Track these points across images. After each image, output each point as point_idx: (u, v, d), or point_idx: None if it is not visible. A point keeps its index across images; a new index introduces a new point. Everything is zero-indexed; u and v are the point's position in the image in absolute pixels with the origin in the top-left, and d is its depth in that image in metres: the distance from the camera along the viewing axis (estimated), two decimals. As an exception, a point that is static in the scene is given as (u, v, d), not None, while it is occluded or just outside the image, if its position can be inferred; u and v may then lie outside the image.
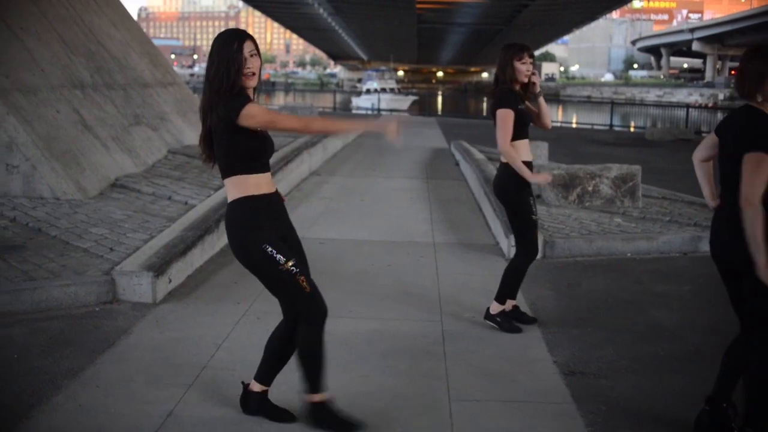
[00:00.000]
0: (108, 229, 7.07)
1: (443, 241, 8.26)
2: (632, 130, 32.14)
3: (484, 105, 57.68)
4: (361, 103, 50.97)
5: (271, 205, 3.71)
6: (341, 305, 5.83)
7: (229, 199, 3.69)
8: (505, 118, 5.26)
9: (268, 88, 79.93)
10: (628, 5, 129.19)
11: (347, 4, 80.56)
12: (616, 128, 30.61)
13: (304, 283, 3.69)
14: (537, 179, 5.45)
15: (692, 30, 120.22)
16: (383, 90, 62.09)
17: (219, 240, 7.37)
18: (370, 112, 41.41)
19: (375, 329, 5.36)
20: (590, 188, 9.54)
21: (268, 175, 3.71)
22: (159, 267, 5.85)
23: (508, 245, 7.55)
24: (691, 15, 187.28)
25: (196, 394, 4.23)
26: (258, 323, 5.33)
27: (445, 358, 4.87)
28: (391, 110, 45.41)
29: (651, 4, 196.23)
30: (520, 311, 5.66)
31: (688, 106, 30.97)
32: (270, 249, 3.60)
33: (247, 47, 3.56)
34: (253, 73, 3.58)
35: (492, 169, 11.66)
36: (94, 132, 9.70)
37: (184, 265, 6.35)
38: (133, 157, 10.15)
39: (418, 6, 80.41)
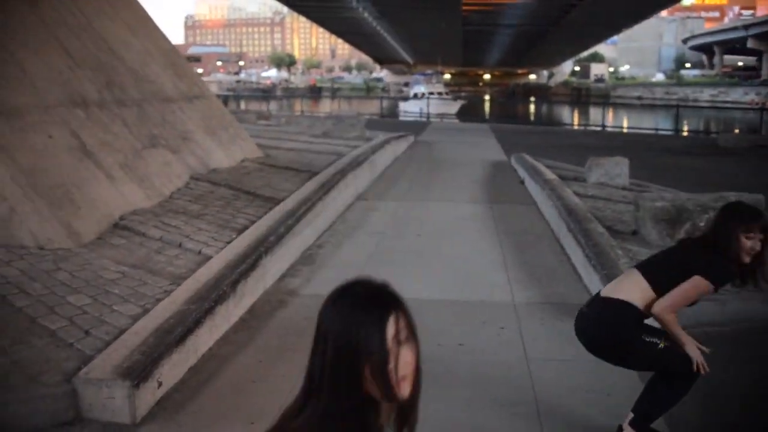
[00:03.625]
0: (91, 298, 5.38)
1: (525, 299, 6.43)
2: (703, 135, 30.01)
3: (531, 108, 55.55)
4: (409, 107, 49.43)
5: None
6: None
7: None
8: (698, 288, 3.70)
9: (314, 94, 78.93)
10: (679, 3, 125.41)
11: (392, 8, 79.03)
12: (683, 133, 28.42)
13: None
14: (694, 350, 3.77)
15: (747, 27, 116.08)
16: (431, 94, 60.52)
17: (237, 307, 5.66)
18: (418, 117, 39.65)
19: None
20: (702, 223, 7.64)
21: None
22: (142, 370, 4.12)
23: (615, 311, 5.72)
24: (743, 11, 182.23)
25: None
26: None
27: None
28: (440, 115, 43.65)
29: (701, 1, 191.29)
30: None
31: (762, 108, 28.70)
32: None
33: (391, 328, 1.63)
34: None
35: (570, 194, 9.80)
36: (97, 159, 8.07)
37: (182, 356, 4.62)
38: (146, 187, 8.49)
39: (464, 8, 78.73)
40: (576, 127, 34.89)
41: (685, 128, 29.20)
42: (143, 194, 8.34)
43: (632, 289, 3.75)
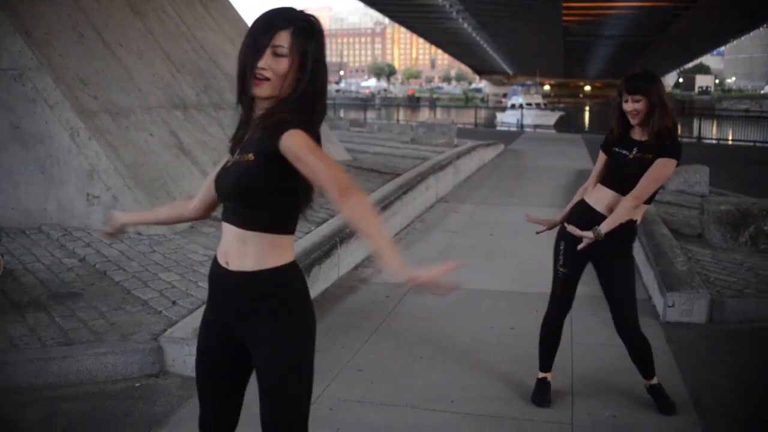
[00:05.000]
0: (180, 275, 6.03)
1: (583, 292, 6.65)
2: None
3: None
4: (506, 118, 49.58)
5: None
6: (443, 392, 4.52)
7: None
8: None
9: (412, 103, 79.65)
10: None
11: (492, 18, 79.02)
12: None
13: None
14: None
15: None
16: (528, 105, 60.36)
17: (311, 290, 6.20)
18: (514, 128, 39.85)
19: (482, 435, 4.01)
20: (767, 228, 7.82)
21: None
22: (218, 333, 4.71)
23: (663, 304, 6.04)
24: None
25: None
26: (329, 417, 4.08)
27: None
28: (537, 126, 43.68)
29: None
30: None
31: None
32: None
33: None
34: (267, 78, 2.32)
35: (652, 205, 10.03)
36: (193, 157, 8.79)
37: (256, 326, 5.19)
38: (236, 183, 9.16)
39: (565, 19, 78.01)
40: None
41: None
42: (234, 190, 9.01)
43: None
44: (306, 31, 2.29)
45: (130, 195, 7.46)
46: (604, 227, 3.98)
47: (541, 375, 4.50)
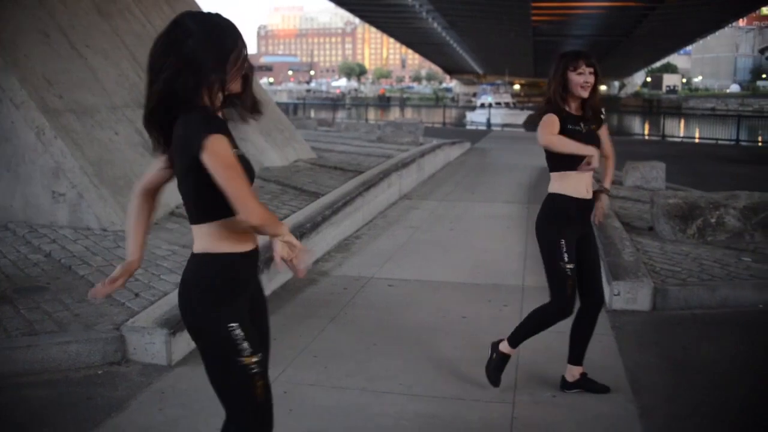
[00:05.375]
0: (143, 269, 6.20)
1: (535, 284, 7.03)
2: (760, 144, 29.85)
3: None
4: (476, 117, 50.03)
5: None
6: (394, 375, 4.76)
7: None
8: (549, 121, 4.21)
9: (383, 103, 79.92)
10: (756, 12, 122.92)
11: (461, 18, 79.46)
12: (743, 143, 28.33)
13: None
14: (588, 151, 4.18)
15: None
16: (498, 104, 60.81)
17: (271, 282, 6.41)
18: (483, 128, 40.24)
19: (428, 413, 4.23)
20: (713, 220, 8.12)
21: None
22: (178, 322, 4.90)
23: (610, 293, 6.31)
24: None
25: None
26: (283, 400, 4.31)
27: (509, 465, 3.71)
28: (506, 125, 44.12)
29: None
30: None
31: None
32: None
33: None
34: None
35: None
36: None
37: (216, 316, 5.39)
38: (201, 181, 9.34)
39: (534, 19, 78.55)
40: (636, 137, 34.91)
41: (743, 138, 28.97)
42: (199, 187, 9.18)
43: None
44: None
45: (95, 192, 7.62)
46: (609, 184, 4.44)
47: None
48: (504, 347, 4.53)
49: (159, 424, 4.04)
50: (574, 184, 4.25)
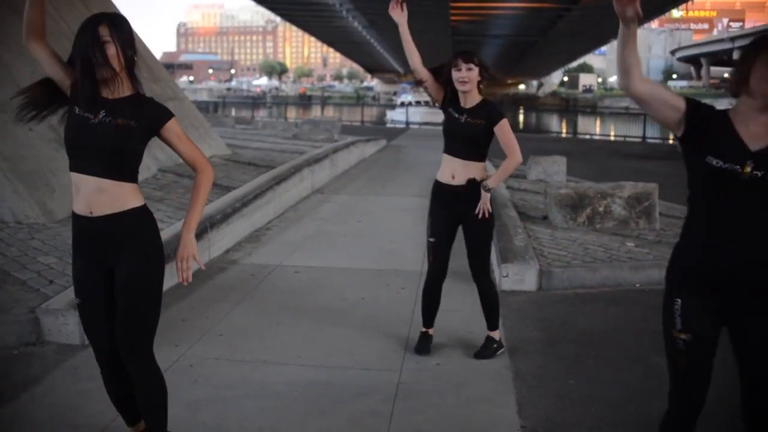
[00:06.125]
0: (57, 258, 6.47)
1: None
2: (671, 141, 31.12)
3: (521, 117, 56.85)
4: (396, 116, 50.55)
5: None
6: (292, 350, 5.17)
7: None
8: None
9: (304, 102, 79.95)
10: (667, 15, 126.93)
11: (381, 17, 79.64)
12: (650, 140, 29.56)
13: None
14: None
15: (733, 39, 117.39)
16: (418, 103, 61.48)
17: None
18: (403, 126, 40.81)
19: (320, 381, 4.66)
20: (601, 209, 8.75)
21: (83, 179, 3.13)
22: (91, 304, 5.21)
23: (500, 275, 6.83)
24: (732, 24, 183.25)
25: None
26: (188, 372, 4.67)
27: (390, 422, 4.14)
28: (425, 123, 44.75)
29: (691, 13, 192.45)
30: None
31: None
32: None
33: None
34: None
35: (507, 191, 10.92)
36: (71, 150, 9.14)
37: (127, 300, 5.70)
38: (115, 176, 9.56)
39: (453, 18, 79.53)
40: (550, 134, 36.01)
41: (651, 135, 30.23)
42: (113, 182, 9.41)
43: None
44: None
45: (9, 186, 7.81)
46: (492, 183, 4.94)
47: (423, 329, 5.26)
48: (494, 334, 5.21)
49: (72, 396, 4.36)
50: (441, 170, 4.97)
